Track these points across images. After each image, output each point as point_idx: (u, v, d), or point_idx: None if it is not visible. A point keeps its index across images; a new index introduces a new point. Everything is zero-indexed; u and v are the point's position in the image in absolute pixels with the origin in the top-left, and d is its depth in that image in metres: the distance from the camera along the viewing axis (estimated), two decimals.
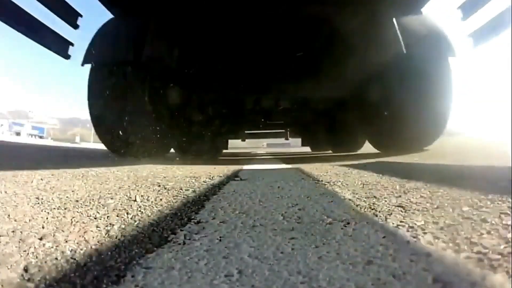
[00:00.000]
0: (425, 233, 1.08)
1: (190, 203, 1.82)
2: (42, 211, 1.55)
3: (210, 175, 3.36)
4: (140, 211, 1.62)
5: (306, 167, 4.16)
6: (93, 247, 1.07)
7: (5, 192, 1.90)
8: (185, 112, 6.47)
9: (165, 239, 1.16)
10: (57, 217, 1.45)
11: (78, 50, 5.55)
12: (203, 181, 2.84)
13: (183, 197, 2.02)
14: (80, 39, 5.56)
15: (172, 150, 8.00)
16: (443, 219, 1.23)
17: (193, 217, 1.48)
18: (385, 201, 1.68)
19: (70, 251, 1.02)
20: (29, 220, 1.37)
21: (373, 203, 1.63)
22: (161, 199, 1.95)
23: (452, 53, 4.80)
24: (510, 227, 1.06)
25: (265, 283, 0.76)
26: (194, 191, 2.25)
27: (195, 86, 6.14)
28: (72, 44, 5.50)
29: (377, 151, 6.81)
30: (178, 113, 6.04)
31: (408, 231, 1.12)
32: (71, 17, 5.26)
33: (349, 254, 0.92)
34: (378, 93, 5.53)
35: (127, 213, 1.56)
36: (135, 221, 1.42)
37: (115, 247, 1.07)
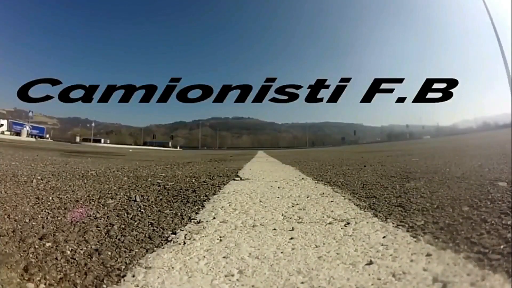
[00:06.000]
0: None
1: (190, 203, 1.82)
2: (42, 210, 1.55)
3: (210, 175, 3.36)
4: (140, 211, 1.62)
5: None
6: (93, 247, 1.07)
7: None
8: None
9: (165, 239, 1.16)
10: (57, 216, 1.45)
11: None
12: (203, 181, 2.84)
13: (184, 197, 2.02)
14: None
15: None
16: None
17: (193, 217, 1.49)
18: None
19: (70, 251, 1.02)
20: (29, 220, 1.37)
21: None
22: (161, 199, 1.95)
23: None
24: (510, 227, 1.06)
25: (265, 283, 0.76)
26: (194, 191, 2.25)
27: None
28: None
29: None
30: None
31: None
32: None
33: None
34: None
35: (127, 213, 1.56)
36: (135, 221, 1.42)
37: (115, 247, 1.07)
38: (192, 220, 1.42)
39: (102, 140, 56.98)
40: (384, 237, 1.06)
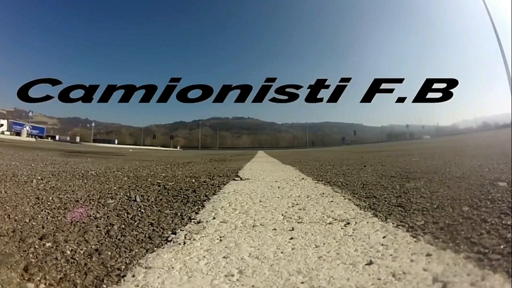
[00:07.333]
0: None
1: (190, 203, 1.82)
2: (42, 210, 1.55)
3: (210, 175, 3.35)
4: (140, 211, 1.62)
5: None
6: (93, 247, 1.07)
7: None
8: None
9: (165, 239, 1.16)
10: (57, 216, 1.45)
11: None
12: (203, 181, 2.84)
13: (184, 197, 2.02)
14: None
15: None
16: None
17: (193, 217, 1.48)
18: None
19: (70, 251, 1.02)
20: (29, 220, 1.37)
21: None
22: (161, 199, 1.95)
23: None
24: (510, 227, 1.06)
25: (266, 283, 0.76)
26: (194, 191, 2.25)
27: None
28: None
29: None
30: None
31: None
32: None
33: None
34: None
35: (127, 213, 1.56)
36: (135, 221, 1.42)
37: (115, 247, 1.07)
38: (192, 220, 1.42)
39: (57, 137, 60.71)
40: (384, 237, 1.06)
